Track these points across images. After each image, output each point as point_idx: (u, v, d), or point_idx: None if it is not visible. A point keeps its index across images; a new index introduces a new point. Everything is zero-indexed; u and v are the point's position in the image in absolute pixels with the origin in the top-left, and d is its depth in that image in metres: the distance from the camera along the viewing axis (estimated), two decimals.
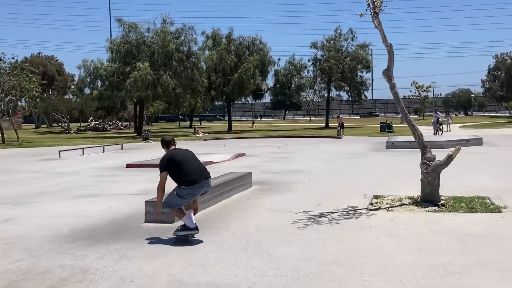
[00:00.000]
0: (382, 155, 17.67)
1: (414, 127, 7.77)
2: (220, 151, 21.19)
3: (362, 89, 51.76)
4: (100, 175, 13.20)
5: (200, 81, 39.93)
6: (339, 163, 15.13)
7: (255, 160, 16.74)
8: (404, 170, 12.65)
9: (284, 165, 14.83)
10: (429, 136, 23.76)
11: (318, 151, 20.21)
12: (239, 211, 7.64)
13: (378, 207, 7.59)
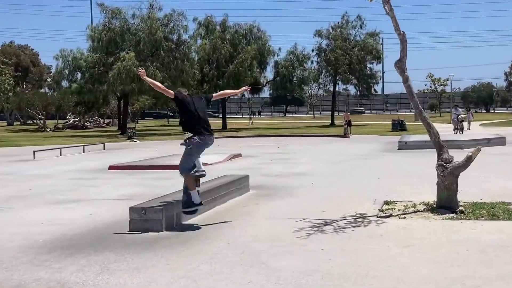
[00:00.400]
0: (394, 156, 17.69)
1: (429, 125, 7.78)
2: (214, 151, 21.17)
3: (371, 83, 51.89)
4: (79, 178, 13.18)
5: (191, 73, 39.94)
6: (346, 165, 15.13)
7: (252, 161, 16.74)
8: (418, 172, 12.67)
9: (284, 167, 14.83)
10: (446, 135, 23.83)
11: (323, 151, 20.24)
12: (234, 218, 7.64)
13: (389, 214, 7.60)
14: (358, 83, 51.75)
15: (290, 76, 48.75)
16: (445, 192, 7.57)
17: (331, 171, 13.74)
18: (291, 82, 48.87)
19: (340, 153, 19.28)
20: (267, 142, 27.21)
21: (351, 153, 19.21)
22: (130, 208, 7.11)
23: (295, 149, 21.66)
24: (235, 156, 17.91)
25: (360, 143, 24.62)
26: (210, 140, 7.70)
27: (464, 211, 7.46)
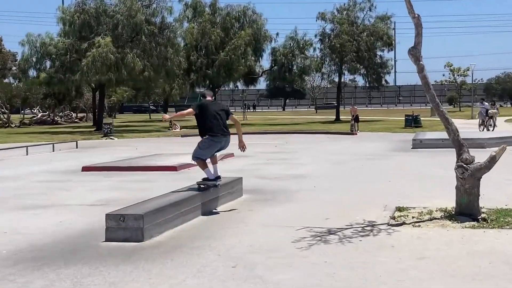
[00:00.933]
0: (407, 156, 17.75)
1: (447, 120, 7.80)
2: None
3: (382, 73, 51.99)
4: (48, 180, 13.15)
5: (176, 61, 39.87)
6: (353, 166, 15.17)
7: (246, 162, 16.75)
8: (434, 175, 12.70)
9: (283, 169, 14.84)
10: (466, 132, 23.91)
11: (327, 150, 20.28)
12: (226, 227, 7.65)
13: (402, 222, 7.62)
14: (367, 73, 51.80)
15: (289, 65, 48.78)
16: (465, 197, 7.59)
17: (336, 173, 13.76)
18: (290, 72, 48.91)
19: (346, 152, 19.31)
20: (263, 139, 27.22)
21: (358, 152, 19.24)
22: (107, 214, 7.10)
23: (295, 148, 21.67)
24: (227, 156, 17.89)
25: (369, 141, 24.66)
26: (224, 140, 9.69)
27: (486, 218, 7.49)
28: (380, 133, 31.12)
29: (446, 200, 8.74)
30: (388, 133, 30.94)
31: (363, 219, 7.86)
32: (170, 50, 39.06)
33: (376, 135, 29.49)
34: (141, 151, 20.93)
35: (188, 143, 26.22)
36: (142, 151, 20.84)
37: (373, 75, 51.46)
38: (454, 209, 7.82)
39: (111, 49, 35.95)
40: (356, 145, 23.07)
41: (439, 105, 7.87)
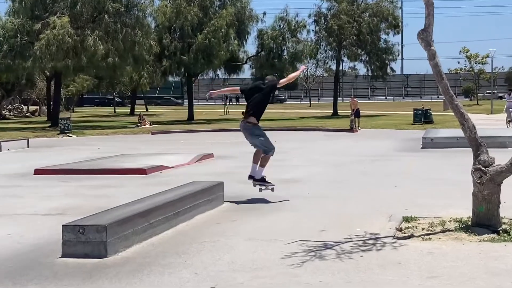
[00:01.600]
0: (416, 157, 17.84)
1: (463, 116, 7.83)
2: (177, 150, 21.11)
3: (387, 59, 52.20)
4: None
5: (146, 45, 39.73)
6: (353, 168, 15.21)
7: (228, 164, 16.74)
8: (448, 179, 12.78)
9: (272, 172, 14.76)
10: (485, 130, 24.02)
11: (322, 150, 20.32)
12: (204, 240, 7.63)
13: (410, 234, 7.64)
14: (369, 60, 51.98)
15: (279, 51, 48.76)
16: (484, 205, 7.63)
17: (333, 177, 13.79)
18: (280, 58, 48.88)
19: (346, 153, 19.36)
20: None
21: (359, 153, 19.29)
22: (63, 226, 7.06)
23: (286, 147, 21.68)
24: (205, 157, 17.88)
25: (372, 140, 24.74)
26: (241, 126, 11.56)
27: (508, 230, 7.53)
28: (385, 130, 31.26)
29: (461, 209, 8.78)
30: (394, 130, 31.08)
31: (364, 231, 7.88)
32: (138, 32, 38.88)
33: (380, 133, 29.61)
34: (104, 151, 20.85)
35: (160, 142, 26.22)
36: (106, 151, 20.76)
37: (376, 62, 51.63)
38: (471, 219, 7.85)
39: (69, 31, 35.73)
40: (357, 144, 23.13)
41: (453, 98, 7.90)
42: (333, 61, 53.97)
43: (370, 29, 49.66)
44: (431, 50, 7.85)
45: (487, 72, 68.88)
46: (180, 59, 43.72)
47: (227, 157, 18.56)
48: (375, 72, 52.76)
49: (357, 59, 53.13)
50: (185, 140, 26.21)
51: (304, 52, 49.27)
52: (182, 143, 24.82)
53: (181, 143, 25.00)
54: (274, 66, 49.65)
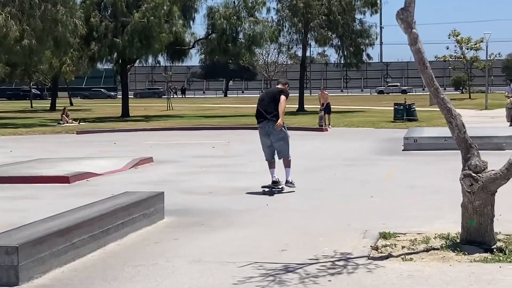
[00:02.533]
0: (397, 161, 17.99)
1: (450, 112, 7.90)
2: (108, 153, 20.92)
3: (363, 44, 52.58)
4: None
5: (70, 25, 39.29)
6: (322, 175, 15.29)
7: (170, 170, 16.69)
8: (433, 187, 12.92)
9: (223, 179, 14.84)
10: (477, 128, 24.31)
11: None
12: (139, 263, 7.60)
13: (388, 253, 7.69)
14: (342, 45, 52.31)
15: (233, 33, 48.70)
16: (475, 218, 7.71)
17: (298, 185, 13.80)
18: (234, 42, 48.85)
19: (313, 156, 19.42)
20: (195, 138, 27.14)
21: (330, 156, 19.37)
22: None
23: (241, 149, 21.67)
24: (143, 162, 17.78)
25: (345, 141, 24.86)
26: (262, 127, 13.29)
27: (504, 249, 7.62)
28: (360, 129, 31.42)
29: (448, 223, 8.86)
30: (371, 129, 31.26)
31: (334, 251, 7.91)
32: (61, 8, 38.40)
33: (354, 132, 29.77)
34: (18, 155, 20.56)
35: (87, 143, 25.95)
36: (20, 155, 20.47)
37: (350, 47, 51.94)
38: (460, 235, 7.94)
39: None
40: (327, 145, 23.22)
41: (439, 91, 7.96)
42: (299, 46, 54.19)
43: (342, 8, 49.97)
44: (413, 33, 7.90)
45: (481, 59, 69.67)
46: (112, 42, 43.31)
47: (169, 161, 18.46)
48: (348, 59, 53.05)
49: (327, 44, 53.37)
50: (118, 141, 25.99)
51: (263, 35, 49.28)
52: (114, 145, 24.61)
53: (113, 144, 24.78)
54: (228, 51, 49.61)
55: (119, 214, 8.86)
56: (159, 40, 43.25)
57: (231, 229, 9.47)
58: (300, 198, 12.25)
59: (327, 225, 9.57)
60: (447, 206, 10.17)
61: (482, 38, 63.43)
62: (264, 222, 9.95)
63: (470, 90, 75.30)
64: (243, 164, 17.63)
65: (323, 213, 10.64)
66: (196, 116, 45.12)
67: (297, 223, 9.83)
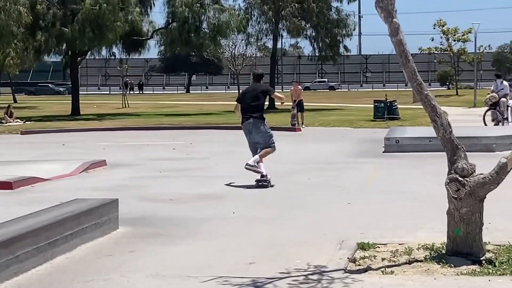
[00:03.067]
0: (377, 164, 18.05)
1: (434, 109, 7.92)
2: (56, 156, 20.78)
3: (340, 35, 52.71)
4: None
5: (14, 13, 39.01)
6: (294, 180, 15.31)
7: (126, 174, 16.65)
8: (417, 193, 12.97)
9: (185, 185, 14.80)
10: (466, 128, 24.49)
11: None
12: (91, 279, 7.56)
13: (367, 266, 7.70)
14: (317, 36, 52.42)
15: (196, 22, 48.59)
16: (462, 227, 7.73)
17: (268, 191, 13.82)
18: (198, 32, 48.75)
19: (285, 159, 19.39)
20: (154, 139, 27.04)
21: (303, 159, 19.39)
22: None
23: (206, 151, 21.64)
24: (95, 165, 17.69)
25: (320, 142, 24.90)
26: (245, 125, 14.58)
27: (493, 260, 7.65)
28: (337, 129, 31.48)
29: (433, 232, 8.90)
30: (349, 129, 31.33)
31: (307, 263, 7.90)
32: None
33: (330, 132, 29.82)
34: None
35: (32, 144, 25.77)
36: None
37: (326, 38, 52.09)
38: (445, 245, 7.97)
39: None
40: (300, 147, 23.24)
41: (423, 86, 7.98)
42: (269, 37, 54.23)
43: None
44: (394, 23, 7.92)
45: (469, 52, 70.08)
46: (61, 31, 43.04)
47: (124, 165, 18.37)
48: (324, 52, 53.16)
49: (300, 34, 53.49)
50: (68, 143, 25.82)
51: (230, 24, 49.22)
52: (63, 147, 24.45)
53: (62, 146, 24.62)
54: (190, 42, 49.49)
55: (68, 224, 8.78)
56: (113, 30, 43.03)
57: (193, 240, 9.43)
58: (270, 205, 12.24)
59: (299, 235, 9.56)
60: (432, 213, 10.21)
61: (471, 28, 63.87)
62: (230, 232, 9.93)
63: (457, 85, 75.92)
64: (207, 168, 17.59)
65: (296, 222, 10.62)
66: (155, 115, 44.98)
67: (267, 233, 9.81)
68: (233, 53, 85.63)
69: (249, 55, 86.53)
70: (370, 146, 22.25)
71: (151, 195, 13.39)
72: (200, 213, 11.37)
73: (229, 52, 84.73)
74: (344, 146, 22.68)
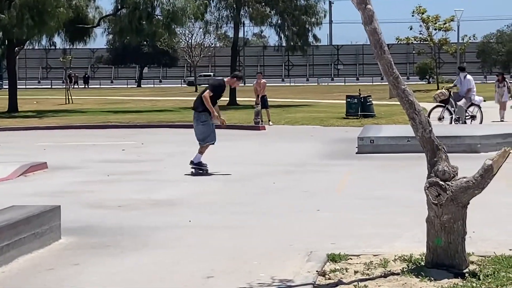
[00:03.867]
0: (350, 166, 18.11)
1: (412, 106, 7.95)
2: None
3: (309, 23, 52.79)
4: None
5: None
6: (258, 184, 15.32)
7: (69, 178, 16.58)
8: (393, 198, 13.04)
9: (136, 190, 14.76)
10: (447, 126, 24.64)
11: (214, 157, 20.24)
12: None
13: (338, 280, 7.72)
14: (283, 24, 52.45)
15: (148, 8, 48.42)
16: (443, 236, 7.77)
17: (229, 196, 13.82)
18: (150, 20, 48.59)
19: (247, 161, 19.43)
20: (101, 138, 26.92)
21: (268, 161, 19.39)
22: None
23: (158, 153, 21.60)
24: (34, 168, 17.59)
25: (287, 141, 24.92)
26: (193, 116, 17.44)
27: (477, 273, 7.70)
28: (306, 127, 31.50)
29: (411, 241, 8.95)
30: (319, 127, 31.37)
31: (271, 277, 7.91)
32: None
33: (298, 131, 29.85)
34: None
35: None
36: None
37: (293, 27, 52.15)
38: (425, 257, 8.00)
39: None
40: (265, 148, 23.25)
41: (400, 80, 8.00)
42: (230, 25, 54.20)
43: None
44: (368, 9, 7.95)
45: (451, 42, 70.46)
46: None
47: (67, 168, 18.27)
48: (291, 42, 53.22)
49: (264, 22, 53.47)
50: (4, 143, 25.63)
51: (186, 11, 49.06)
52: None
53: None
54: (141, 30, 49.24)
55: (4, 233, 8.71)
56: (55, 16, 42.80)
57: (144, 251, 9.41)
58: (231, 212, 12.22)
59: (263, 245, 9.56)
60: (410, 221, 10.26)
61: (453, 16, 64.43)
62: (185, 242, 9.91)
63: (438, 79, 76.13)
64: (160, 171, 17.56)
65: (259, 231, 10.63)
66: (102, 111, 44.74)
67: (227, 243, 9.81)
68: (189, 43, 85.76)
69: (207, 45, 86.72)
70: (342, 147, 22.31)
71: (97, 201, 13.32)
72: (152, 221, 11.33)
73: (185, 42, 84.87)
74: (314, 147, 22.71)
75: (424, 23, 68.56)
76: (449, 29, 68.31)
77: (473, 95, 29.22)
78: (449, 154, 7.96)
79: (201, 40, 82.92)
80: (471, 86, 29.42)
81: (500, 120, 32.06)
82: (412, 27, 70.35)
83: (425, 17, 67.98)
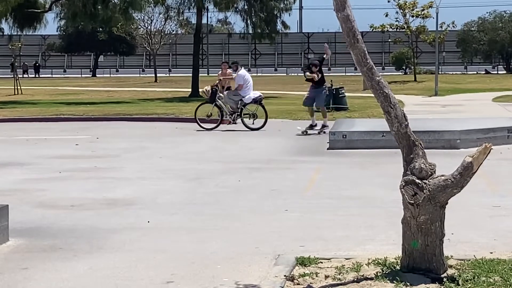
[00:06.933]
0: (320, 163, 18.14)
1: (387, 99, 7.97)
2: None
3: (277, 9, 52.84)
4: None
5: None
6: (221, 183, 15.30)
7: (18, 175, 16.55)
8: (367, 198, 13.06)
9: (90, 188, 14.70)
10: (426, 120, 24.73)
11: (174, 153, 20.28)
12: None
13: (307, 285, 7.74)
14: (250, 10, 52.46)
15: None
16: (419, 238, 7.81)
17: (190, 196, 13.80)
18: (105, 4, 48.48)
19: (210, 157, 19.40)
20: (53, 132, 26.78)
21: (232, 157, 19.38)
22: None
23: (114, 148, 21.51)
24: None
25: (253, 136, 24.92)
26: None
27: (456, 277, 7.74)
28: (273, 121, 31.51)
29: (386, 244, 8.98)
30: (288, 121, 31.41)
31: (235, 282, 7.94)
32: None
33: (267, 125, 29.86)
34: None
35: None
36: None
37: (260, 12, 52.17)
38: (400, 260, 8.04)
39: None
40: (229, 143, 23.23)
41: (374, 71, 8.02)
42: (193, 10, 54.12)
43: None
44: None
45: (430, 30, 70.68)
46: None
47: (15, 164, 18.18)
48: (258, 29, 53.22)
49: (230, 7, 53.40)
50: None
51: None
52: None
53: None
54: (96, 15, 49.05)
55: None
56: (3, 0, 42.62)
57: (99, 255, 9.38)
58: (192, 212, 12.21)
59: (227, 248, 9.56)
60: (384, 222, 10.31)
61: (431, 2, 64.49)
62: (143, 246, 9.88)
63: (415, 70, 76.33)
64: (116, 168, 17.47)
65: (222, 232, 10.62)
66: (54, 103, 44.50)
67: (188, 246, 9.80)
68: (149, 29, 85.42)
69: (168, 32, 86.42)
70: (312, 142, 22.35)
71: (49, 201, 13.25)
72: (107, 222, 11.29)
73: (144, 28, 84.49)
74: (281, 142, 22.74)
75: (401, 10, 68.53)
76: (428, 16, 68.31)
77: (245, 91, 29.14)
78: (426, 150, 7.99)
79: (161, 26, 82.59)
80: (242, 82, 29.27)
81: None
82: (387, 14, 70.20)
83: (401, 3, 67.94)
